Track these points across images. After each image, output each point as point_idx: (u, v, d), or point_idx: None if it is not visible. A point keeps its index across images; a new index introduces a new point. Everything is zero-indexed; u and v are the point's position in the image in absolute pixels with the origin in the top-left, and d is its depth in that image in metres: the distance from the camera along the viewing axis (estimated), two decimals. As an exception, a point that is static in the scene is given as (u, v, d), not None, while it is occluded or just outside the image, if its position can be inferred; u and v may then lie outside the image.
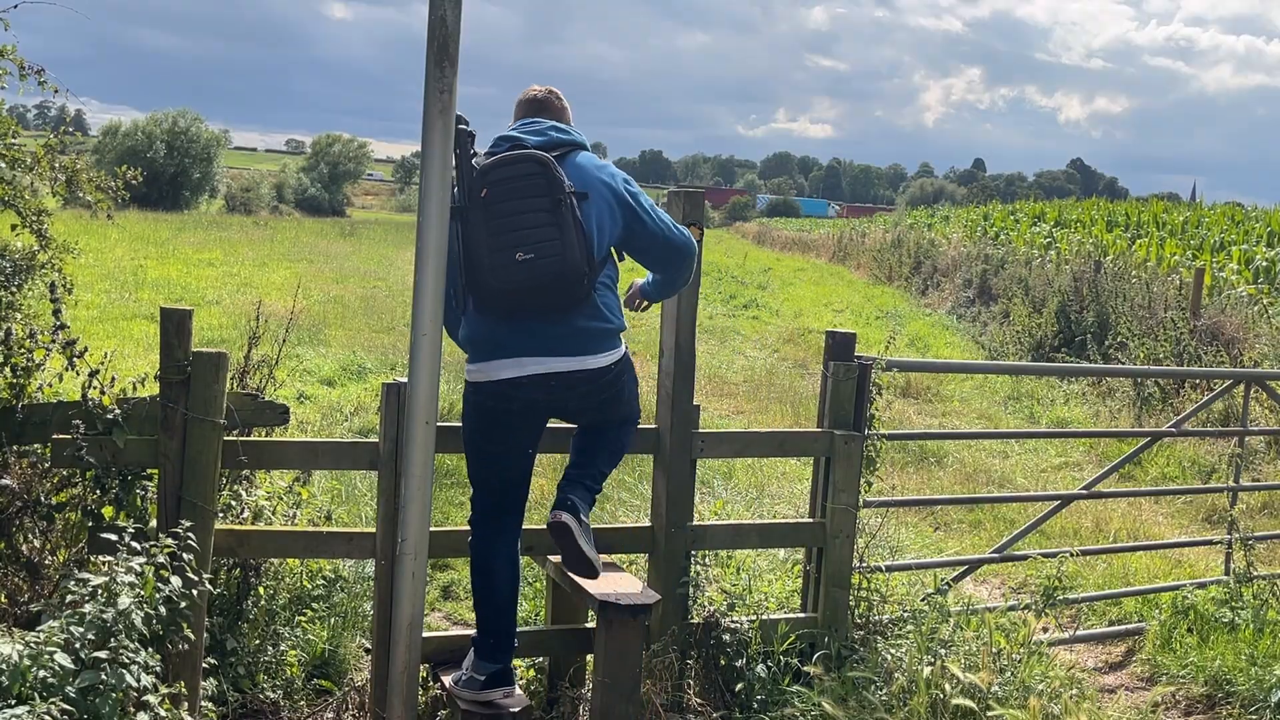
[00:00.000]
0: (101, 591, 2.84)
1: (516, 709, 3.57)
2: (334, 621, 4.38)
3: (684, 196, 4.01)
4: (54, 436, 3.35)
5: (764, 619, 4.18)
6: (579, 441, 3.71)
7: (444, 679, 3.74)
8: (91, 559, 3.53)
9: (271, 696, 3.95)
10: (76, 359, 3.51)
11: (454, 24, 3.30)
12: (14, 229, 4.28)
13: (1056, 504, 5.80)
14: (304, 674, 4.10)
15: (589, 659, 4.13)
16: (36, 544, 3.68)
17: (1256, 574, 5.46)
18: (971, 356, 15.23)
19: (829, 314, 19.60)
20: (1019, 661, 3.91)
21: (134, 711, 2.79)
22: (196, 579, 3.19)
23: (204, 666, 3.46)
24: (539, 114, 3.56)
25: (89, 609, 2.79)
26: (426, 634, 3.71)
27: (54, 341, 3.56)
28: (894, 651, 3.98)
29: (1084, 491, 5.66)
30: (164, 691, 2.91)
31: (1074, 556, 5.01)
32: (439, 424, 3.55)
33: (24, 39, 4.05)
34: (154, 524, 3.41)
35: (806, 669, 4.01)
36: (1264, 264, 16.96)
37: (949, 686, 3.60)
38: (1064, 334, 14.32)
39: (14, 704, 2.51)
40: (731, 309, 19.71)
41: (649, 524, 4.23)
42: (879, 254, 28.22)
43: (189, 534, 3.17)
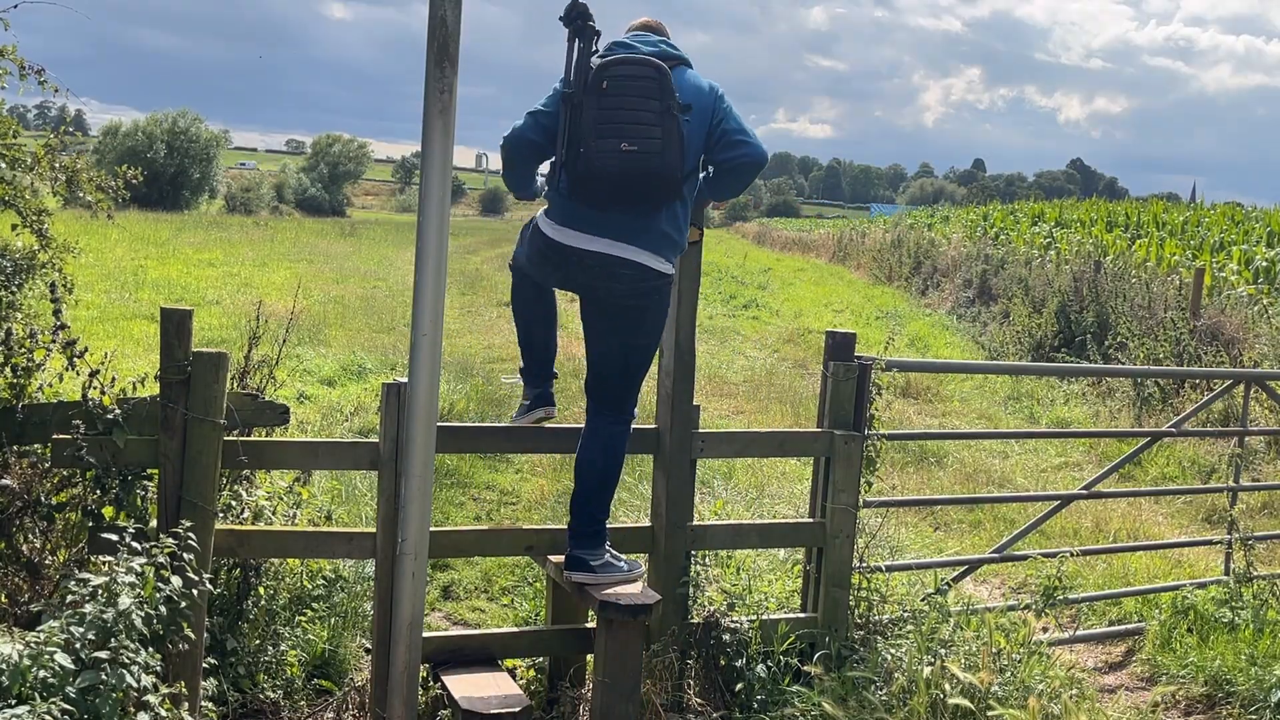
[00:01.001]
0: (102, 591, 2.84)
1: (517, 709, 3.57)
2: (334, 621, 4.38)
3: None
4: (54, 436, 3.35)
5: (764, 619, 4.18)
6: (576, 477, 3.92)
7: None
8: (92, 559, 3.53)
9: (271, 696, 3.95)
10: (77, 359, 3.51)
11: (454, 24, 3.31)
12: (14, 229, 4.27)
13: (1056, 504, 5.80)
14: (304, 674, 4.10)
15: (589, 659, 4.13)
16: (37, 544, 3.68)
17: (1256, 574, 5.46)
18: (971, 356, 15.23)
19: (829, 314, 19.60)
20: (1019, 661, 3.91)
21: (134, 711, 2.79)
22: (197, 579, 3.19)
23: (204, 666, 3.46)
24: (655, 31, 3.81)
25: (89, 609, 2.79)
26: (426, 634, 3.71)
27: (54, 341, 3.56)
28: (894, 651, 3.98)
29: (1084, 491, 5.66)
30: (164, 691, 2.91)
31: (1074, 556, 5.02)
32: (439, 424, 3.56)
33: (24, 39, 4.05)
34: (154, 524, 3.42)
35: (806, 669, 4.02)
36: (1264, 264, 16.95)
37: (949, 686, 3.61)
38: (1064, 334, 14.31)
39: (14, 704, 2.51)
40: (731, 309, 19.71)
41: (649, 524, 4.23)
42: (879, 254, 28.20)
43: (189, 534, 3.18)
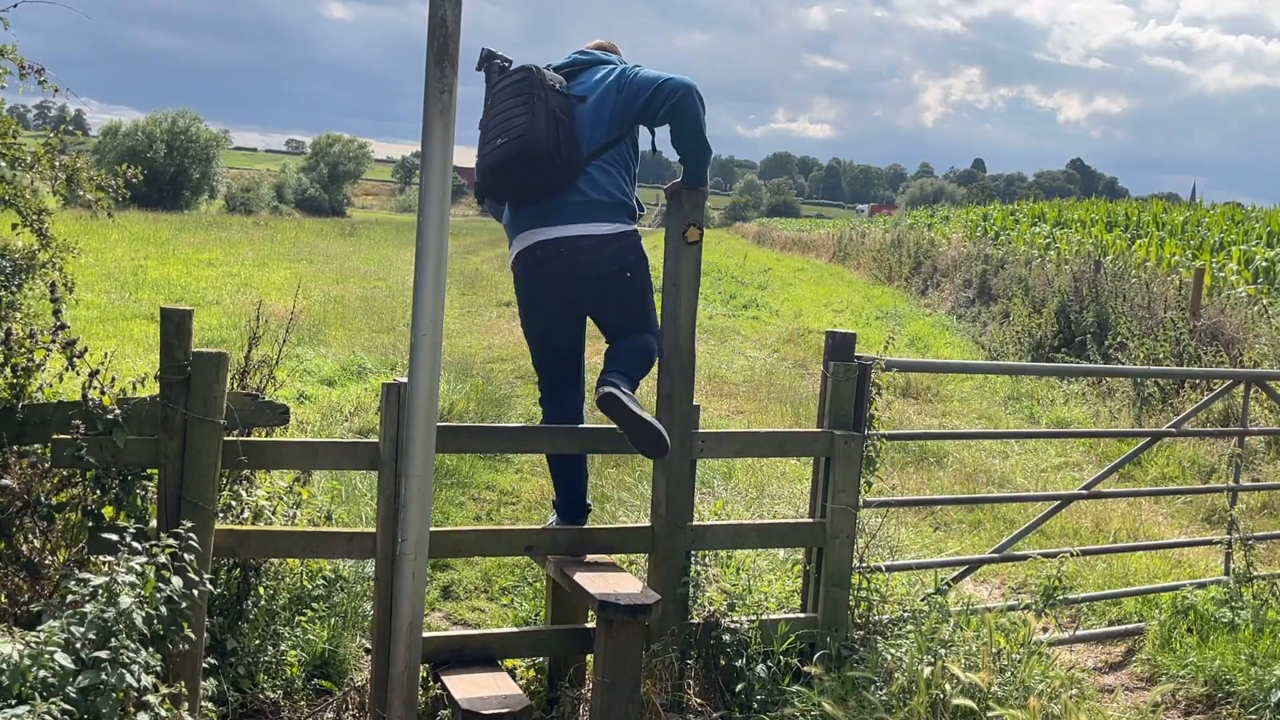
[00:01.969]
0: (102, 591, 2.84)
1: (517, 709, 3.57)
2: (334, 621, 4.39)
3: (684, 196, 4.01)
4: (54, 436, 3.35)
5: (764, 619, 4.18)
6: (608, 352, 4.01)
7: (446, 679, 3.75)
8: (92, 559, 3.53)
9: (271, 696, 3.95)
10: (77, 359, 3.51)
11: (454, 24, 3.30)
12: (14, 228, 4.27)
13: (1056, 504, 5.80)
14: (304, 674, 4.10)
15: (589, 659, 4.13)
16: (36, 544, 3.68)
17: (1256, 574, 5.46)
18: (971, 356, 15.23)
19: (829, 314, 19.60)
20: (1019, 661, 3.91)
21: (134, 711, 2.79)
22: (197, 579, 3.19)
23: (204, 666, 3.46)
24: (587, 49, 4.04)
25: (89, 609, 2.79)
26: (426, 634, 3.71)
27: (54, 341, 3.56)
28: (894, 651, 3.98)
29: (1084, 491, 5.66)
30: (164, 691, 2.91)
31: (1074, 556, 5.02)
32: (439, 424, 3.56)
33: (24, 39, 4.04)
34: (154, 524, 3.42)
35: (806, 669, 4.02)
36: (1264, 264, 16.94)
37: (949, 686, 3.61)
38: (1064, 334, 14.31)
39: (14, 704, 2.51)
40: (731, 309, 19.71)
41: (649, 524, 4.23)
42: (879, 254, 28.19)
43: (189, 534, 3.18)
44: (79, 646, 2.70)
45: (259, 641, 4.00)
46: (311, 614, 4.32)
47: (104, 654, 2.71)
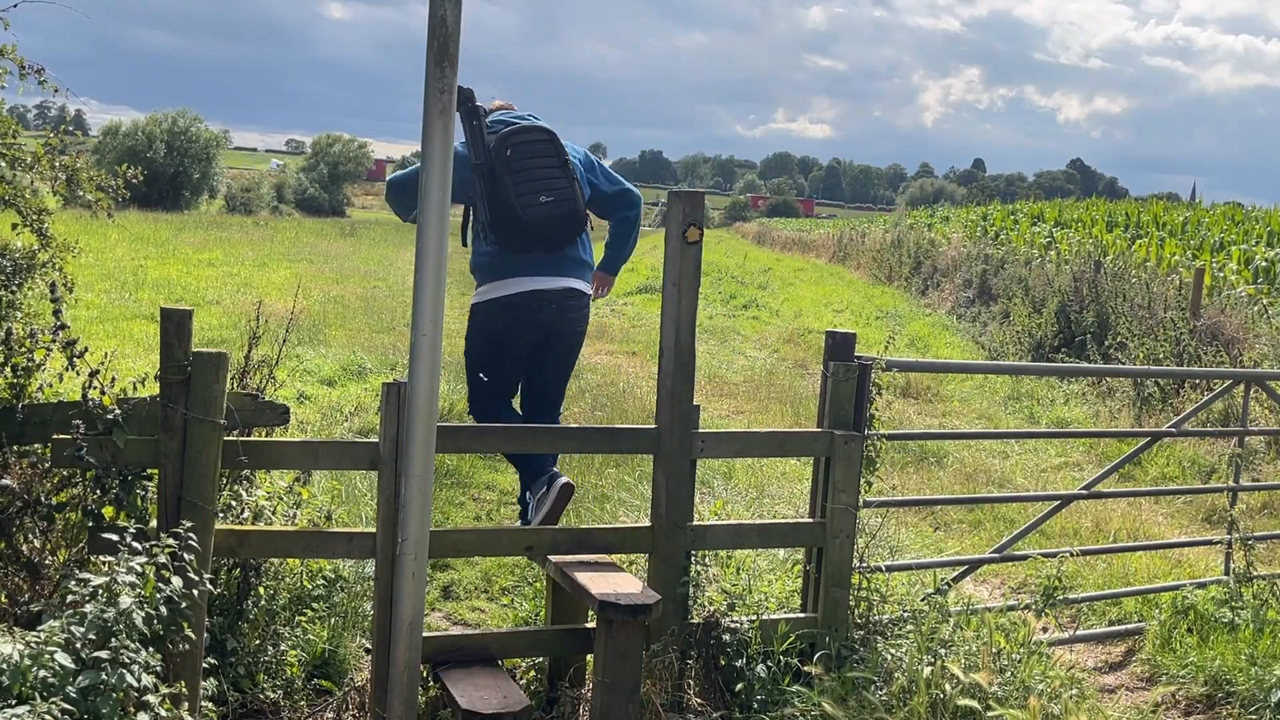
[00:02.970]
0: (102, 591, 2.84)
1: (517, 709, 3.58)
2: (334, 621, 4.39)
3: (684, 198, 4.01)
4: (54, 436, 3.35)
5: (764, 619, 4.18)
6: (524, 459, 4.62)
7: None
8: (92, 559, 3.53)
9: (271, 696, 3.95)
10: (77, 359, 3.51)
11: (454, 24, 3.31)
12: (14, 228, 4.28)
13: (1056, 504, 5.80)
14: (304, 674, 4.10)
15: (589, 659, 4.13)
16: (37, 544, 3.68)
17: (1256, 574, 5.46)
18: (971, 356, 15.23)
19: (829, 314, 19.60)
20: (1019, 661, 3.91)
21: (134, 711, 2.79)
22: (197, 579, 3.19)
23: (204, 666, 3.46)
24: (508, 109, 4.46)
25: (90, 609, 2.79)
26: (426, 634, 3.71)
27: (54, 341, 3.55)
28: (894, 651, 3.98)
29: (1084, 491, 5.66)
30: (164, 691, 2.91)
31: (1074, 556, 5.02)
32: (439, 424, 3.56)
33: (24, 39, 4.04)
34: (154, 524, 3.42)
35: (806, 669, 4.02)
36: (1264, 264, 16.94)
37: (949, 686, 3.61)
38: (1064, 334, 14.31)
39: (14, 704, 2.51)
40: (731, 309, 19.71)
41: (649, 524, 4.23)
42: (879, 254, 28.18)
43: (189, 534, 3.18)
44: (79, 646, 2.70)
45: (259, 641, 4.00)
46: (311, 614, 4.32)
47: (104, 654, 2.71)
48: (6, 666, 2.53)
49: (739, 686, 4.03)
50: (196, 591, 3.17)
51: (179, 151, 44.68)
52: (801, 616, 4.32)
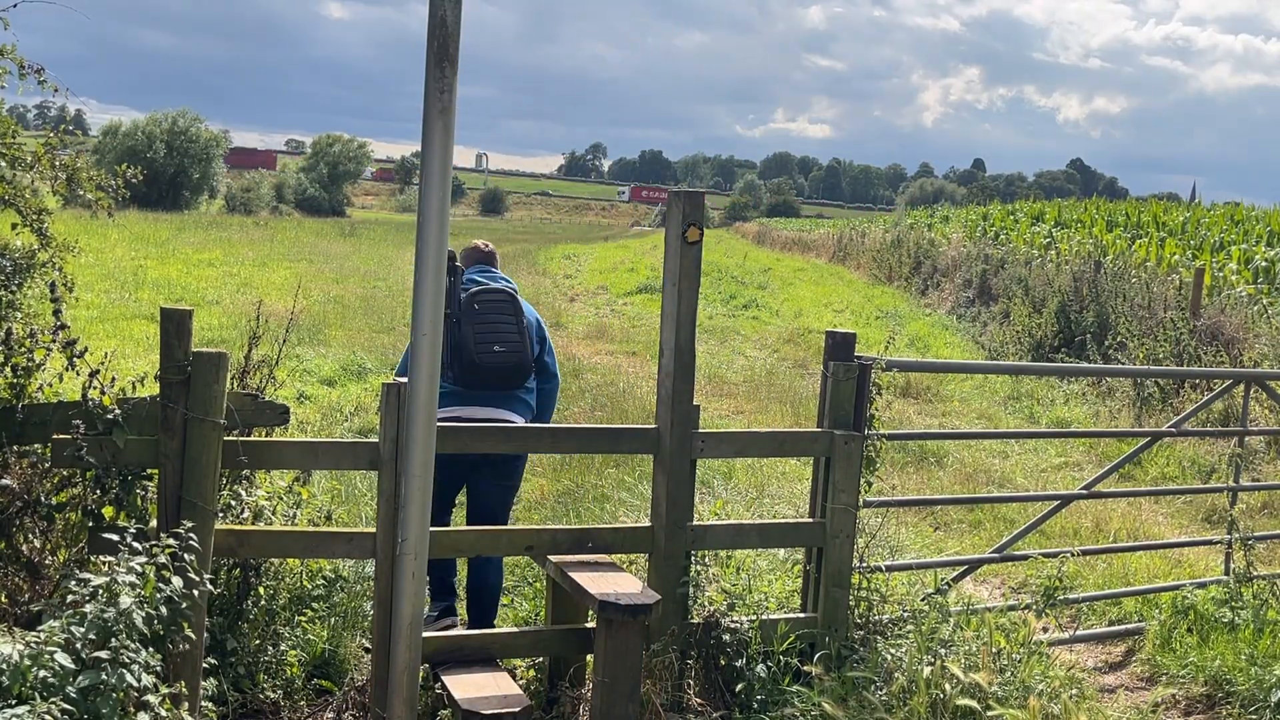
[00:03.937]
0: (102, 591, 2.84)
1: (517, 709, 3.58)
2: (334, 621, 4.39)
3: (684, 198, 4.02)
4: (54, 436, 3.35)
5: (764, 619, 4.18)
6: (476, 598, 4.90)
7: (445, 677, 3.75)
8: (92, 559, 3.53)
9: (271, 696, 3.95)
10: (77, 359, 3.51)
11: (454, 24, 3.31)
12: (14, 228, 4.27)
13: (1056, 504, 5.80)
14: (304, 674, 4.10)
15: (589, 659, 4.13)
16: (37, 544, 3.68)
17: (1256, 574, 5.46)
18: (971, 356, 15.23)
19: (829, 314, 19.60)
20: (1019, 661, 3.91)
21: (134, 711, 2.79)
22: (197, 579, 3.19)
23: (204, 666, 3.46)
24: (488, 263, 5.10)
25: (90, 609, 2.79)
26: (426, 634, 3.71)
27: (54, 341, 3.55)
28: (894, 651, 3.98)
29: (1084, 491, 5.66)
30: (164, 691, 2.91)
31: (1074, 556, 5.02)
32: (439, 424, 3.56)
33: (24, 39, 4.04)
34: (154, 524, 3.41)
35: (806, 669, 4.02)
36: (1264, 264, 16.93)
37: (949, 686, 3.61)
38: (1064, 334, 14.32)
39: (14, 704, 2.51)
40: (731, 309, 19.71)
41: (649, 524, 4.23)
42: (879, 254, 28.17)
43: (190, 534, 3.18)
44: (79, 646, 2.70)
45: (259, 641, 4.00)
46: (311, 614, 4.32)
47: (104, 654, 2.71)
48: (6, 666, 2.53)
49: (739, 686, 4.03)
50: (196, 591, 3.17)
51: (179, 151, 44.70)
52: (801, 616, 4.32)
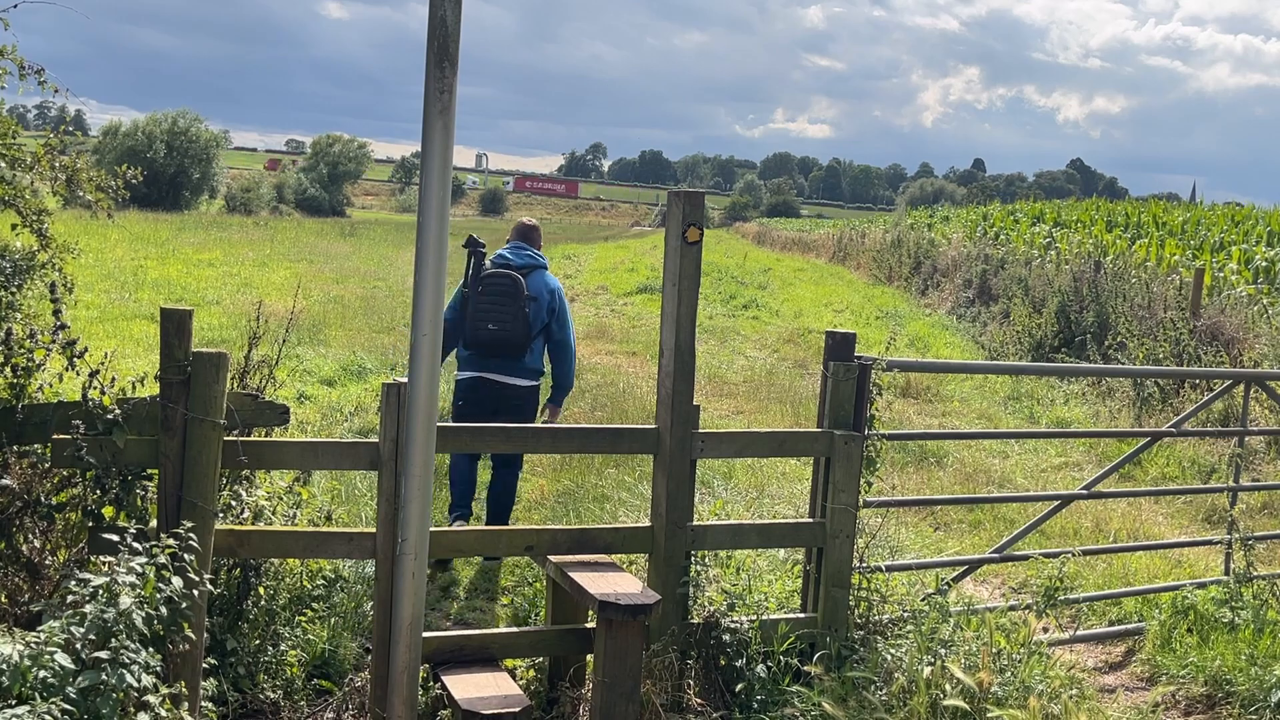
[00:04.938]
0: (102, 592, 2.84)
1: (517, 709, 3.57)
2: (334, 621, 4.39)
3: (684, 198, 4.02)
4: (54, 436, 3.35)
5: (764, 619, 4.18)
6: (493, 507, 6.07)
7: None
8: (92, 559, 3.53)
9: (271, 696, 3.95)
10: (77, 359, 3.51)
11: (454, 24, 3.31)
12: (14, 229, 4.28)
13: (1056, 504, 5.80)
14: (304, 674, 4.10)
15: (589, 659, 4.13)
16: (37, 544, 3.68)
17: (1256, 574, 5.46)
18: (971, 356, 15.23)
19: (829, 314, 19.60)
20: (1019, 661, 3.91)
21: (134, 711, 2.79)
22: (197, 579, 3.19)
23: (204, 666, 3.46)
24: (524, 238, 6.09)
25: (90, 609, 2.79)
26: (426, 634, 3.71)
27: (54, 341, 3.56)
28: (894, 651, 3.98)
29: (1084, 491, 5.66)
30: (164, 691, 2.91)
31: (1074, 557, 5.02)
32: (439, 424, 3.56)
33: (24, 39, 4.05)
34: (154, 524, 3.41)
35: (806, 669, 4.02)
36: (1264, 264, 16.93)
37: (949, 687, 3.61)
38: (1064, 334, 14.32)
39: (14, 704, 2.51)
40: (731, 309, 19.71)
41: (649, 524, 4.23)
42: (879, 254, 28.18)
43: (190, 534, 3.18)
44: (79, 647, 2.70)
45: (259, 641, 4.00)
46: (311, 614, 4.32)
47: (104, 654, 2.71)
48: (6, 667, 2.53)
49: (739, 686, 4.03)
50: (196, 591, 3.17)
51: (179, 151, 44.71)
52: (801, 616, 4.32)
